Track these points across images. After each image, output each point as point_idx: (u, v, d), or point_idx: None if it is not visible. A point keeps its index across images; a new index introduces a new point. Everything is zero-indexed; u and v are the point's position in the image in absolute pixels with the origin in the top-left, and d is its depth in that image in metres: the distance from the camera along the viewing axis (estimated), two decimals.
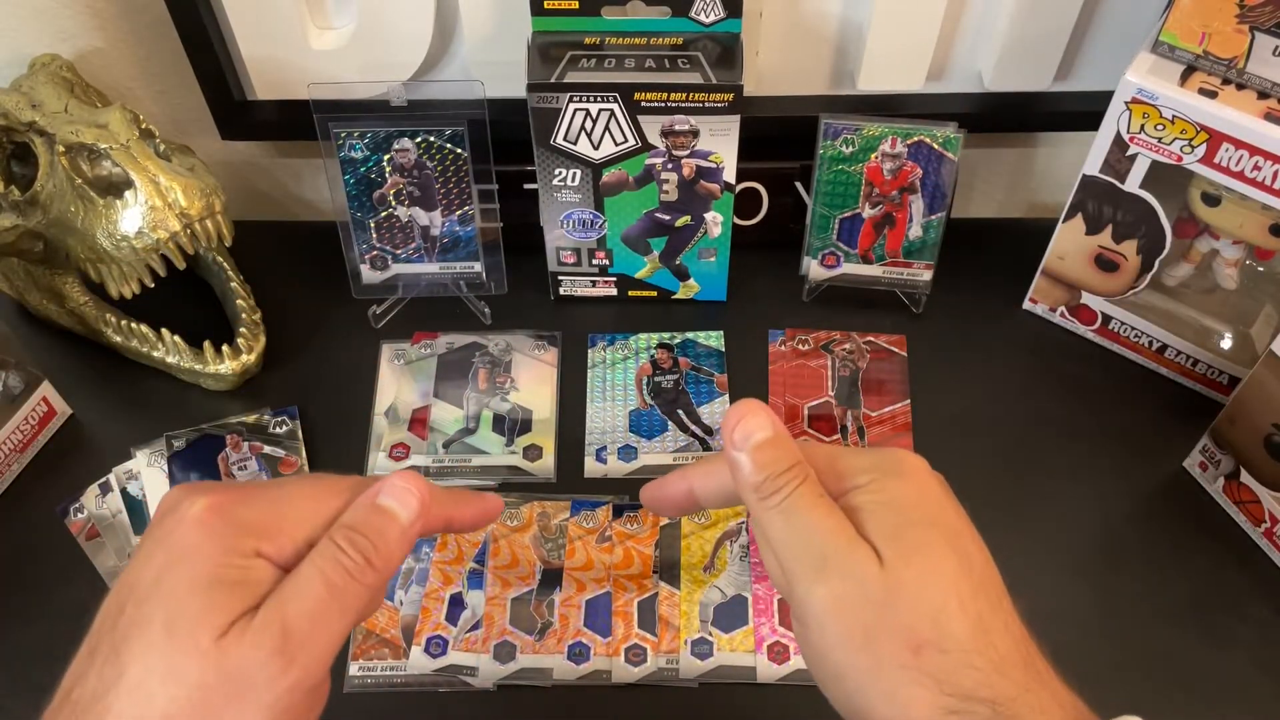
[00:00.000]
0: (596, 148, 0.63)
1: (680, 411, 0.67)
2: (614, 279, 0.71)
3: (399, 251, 0.69)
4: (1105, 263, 0.65)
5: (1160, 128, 0.57)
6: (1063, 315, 0.70)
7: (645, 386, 0.68)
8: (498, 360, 0.69)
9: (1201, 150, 0.56)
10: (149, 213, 0.58)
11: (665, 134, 0.62)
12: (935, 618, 0.33)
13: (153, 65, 0.71)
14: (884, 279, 0.70)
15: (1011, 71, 0.69)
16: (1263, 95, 0.55)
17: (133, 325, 0.67)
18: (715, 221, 0.67)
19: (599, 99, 0.60)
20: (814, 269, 0.71)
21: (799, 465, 0.36)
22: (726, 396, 0.67)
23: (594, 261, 0.70)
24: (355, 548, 0.35)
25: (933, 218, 0.67)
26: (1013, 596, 0.36)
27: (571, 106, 0.61)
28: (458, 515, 0.41)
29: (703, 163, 0.64)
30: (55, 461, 0.64)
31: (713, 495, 0.42)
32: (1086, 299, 0.68)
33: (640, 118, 0.61)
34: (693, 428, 0.66)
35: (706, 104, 0.60)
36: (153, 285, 0.63)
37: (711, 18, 0.60)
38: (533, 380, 0.68)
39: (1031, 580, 0.58)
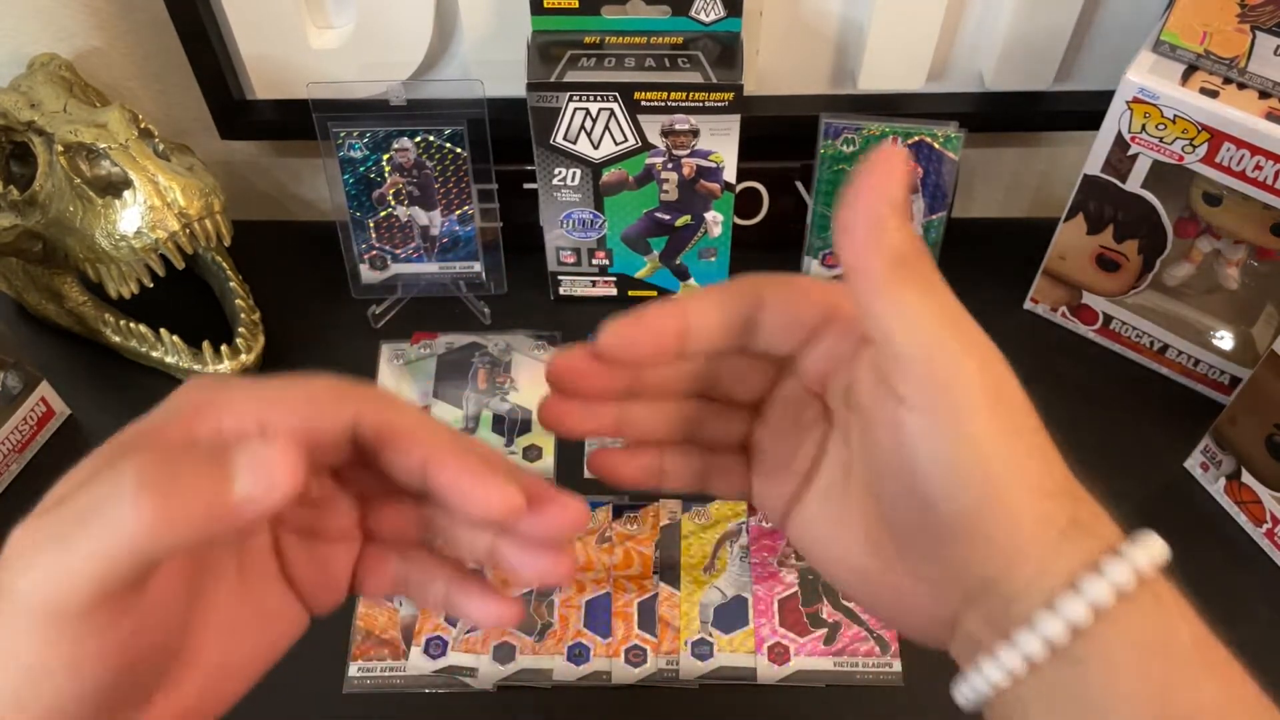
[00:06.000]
0: (596, 147, 0.63)
1: None
2: (614, 279, 0.71)
3: (398, 251, 0.69)
4: (1106, 262, 0.65)
5: (1161, 127, 0.57)
6: (1064, 315, 0.70)
7: None
8: (497, 360, 0.69)
9: (1203, 150, 0.56)
10: (148, 212, 0.58)
11: (665, 133, 0.62)
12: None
13: (152, 65, 0.71)
14: None
15: (1012, 71, 0.69)
16: (1264, 95, 0.54)
17: (131, 325, 0.67)
18: (715, 221, 0.67)
19: (599, 98, 0.60)
20: (815, 269, 0.70)
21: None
22: None
23: (594, 261, 0.70)
24: None
25: (933, 217, 0.67)
26: None
27: (571, 106, 0.61)
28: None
29: (703, 162, 0.64)
30: (54, 462, 0.64)
31: (713, 334, 0.33)
32: (1087, 299, 0.68)
33: (640, 117, 0.61)
34: None
35: (706, 103, 0.60)
36: (151, 285, 0.62)
37: (711, 17, 0.60)
38: (532, 380, 0.68)
39: None
